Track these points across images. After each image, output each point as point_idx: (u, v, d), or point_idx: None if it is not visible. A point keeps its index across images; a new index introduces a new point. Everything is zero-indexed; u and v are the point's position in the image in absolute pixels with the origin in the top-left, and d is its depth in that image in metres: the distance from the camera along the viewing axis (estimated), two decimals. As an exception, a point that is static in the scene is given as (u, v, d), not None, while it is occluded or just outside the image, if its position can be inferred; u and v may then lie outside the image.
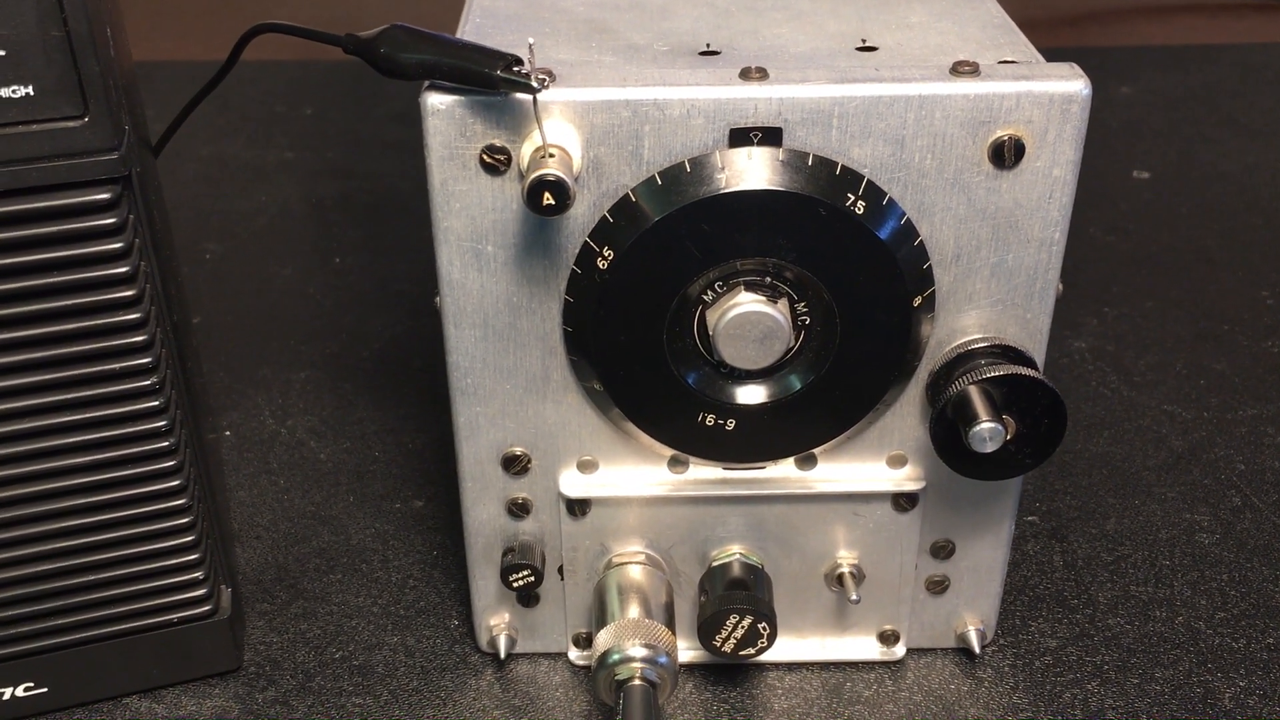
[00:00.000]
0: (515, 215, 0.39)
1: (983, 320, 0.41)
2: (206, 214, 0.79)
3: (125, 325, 0.39)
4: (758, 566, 0.45)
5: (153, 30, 1.06)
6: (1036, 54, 0.40)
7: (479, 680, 0.47)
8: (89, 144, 0.36)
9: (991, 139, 0.37)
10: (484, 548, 0.46)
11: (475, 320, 0.41)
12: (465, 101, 0.37)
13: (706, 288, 0.39)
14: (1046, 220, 0.39)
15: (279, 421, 0.61)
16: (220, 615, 0.46)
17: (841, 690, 0.47)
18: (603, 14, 0.44)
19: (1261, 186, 0.82)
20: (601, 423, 0.43)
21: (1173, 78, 0.98)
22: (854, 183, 0.38)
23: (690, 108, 0.37)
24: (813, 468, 0.44)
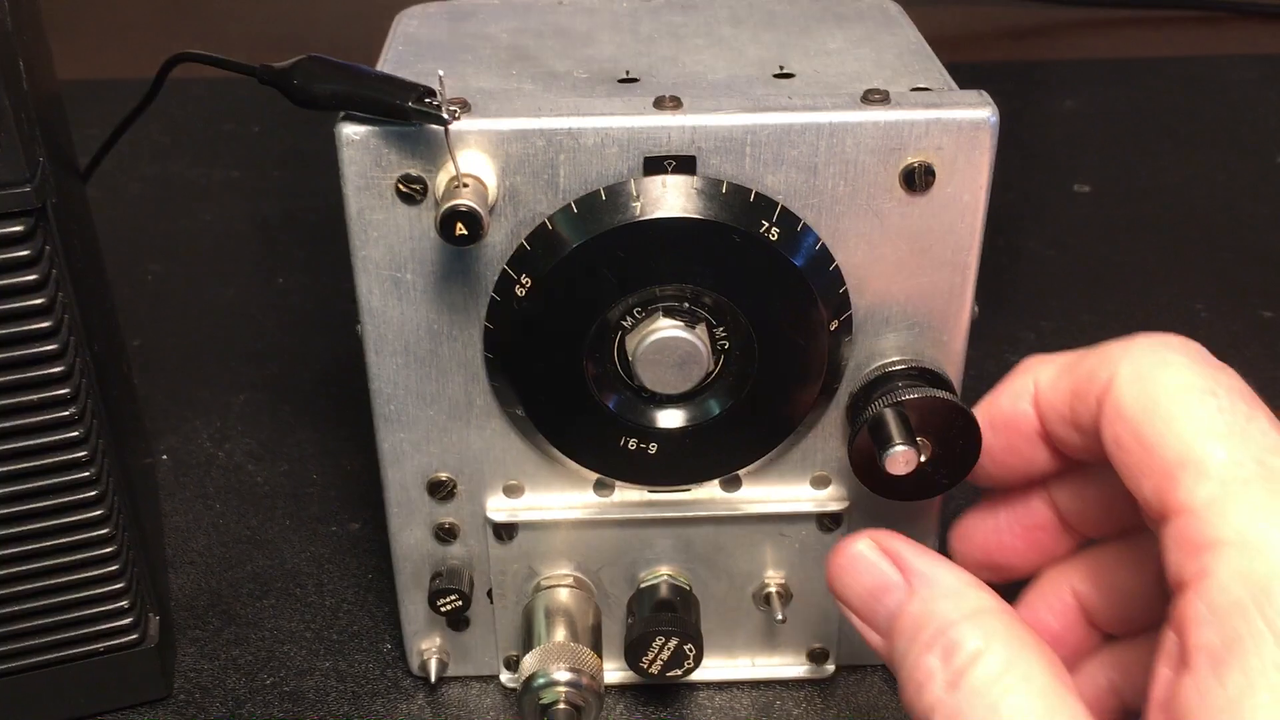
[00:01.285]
0: (433, 244, 0.39)
1: (900, 343, 0.41)
2: (149, 234, 0.79)
3: (42, 356, 0.39)
4: (685, 588, 0.45)
5: (99, 48, 1.06)
6: (950, 81, 0.41)
7: (410, 704, 0.47)
8: (0, 178, 0.36)
9: (902, 165, 0.38)
10: (412, 572, 0.46)
11: (396, 348, 0.41)
12: (380, 132, 0.37)
13: (625, 314, 0.40)
14: (959, 244, 0.39)
15: (216, 445, 0.61)
16: (148, 643, 0.46)
17: (771, 709, 0.47)
18: (526, 40, 0.44)
19: (1199, 199, 0.83)
20: (526, 447, 0.43)
21: (1116, 91, 0.99)
22: (768, 209, 0.38)
23: (604, 137, 0.37)
24: (738, 489, 0.44)
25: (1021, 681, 0.31)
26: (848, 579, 0.36)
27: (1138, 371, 0.34)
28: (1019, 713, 0.31)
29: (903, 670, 0.34)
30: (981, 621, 0.33)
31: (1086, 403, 0.35)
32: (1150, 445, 0.32)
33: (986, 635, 0.32)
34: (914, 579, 0.35)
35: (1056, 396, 0.36)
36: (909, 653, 0.34)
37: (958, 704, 0.32)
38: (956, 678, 0.32)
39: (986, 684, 0.31)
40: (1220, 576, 0.29)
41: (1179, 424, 0.32)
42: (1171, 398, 0.32)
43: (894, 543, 0.36)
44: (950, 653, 0.32)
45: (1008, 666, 0.32)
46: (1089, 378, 0.35)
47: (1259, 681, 0.28)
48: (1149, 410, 0.33)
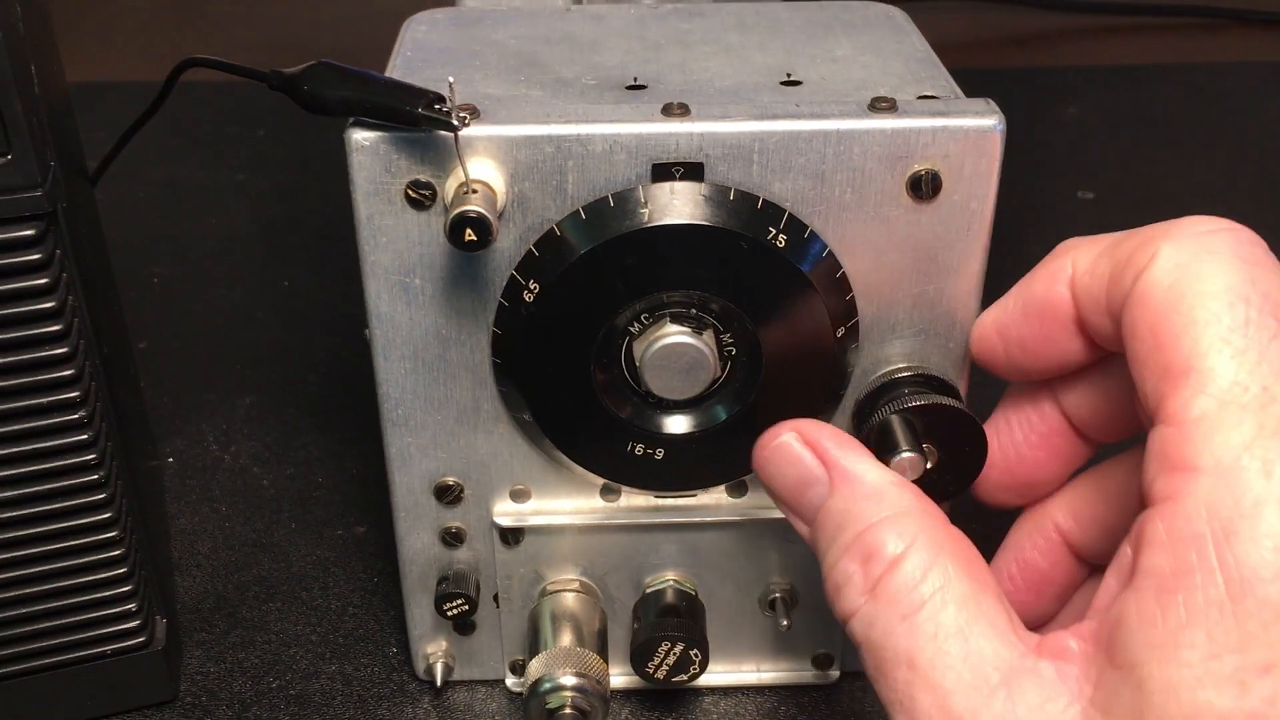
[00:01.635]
0: (442, 249, 0.39)
1: (906, 350, 0.41)
2: (156, 237, 0.79)
3: (52, 360, 0.39)
4: (691, 593, 0.46)
5: (107, 50, 1.06)
6: (956, 89, 0.41)
7: (415, 708, 0.47)
8: (12, 181, 0.36)
9: (909, 173, 0.38)
10: (419, 576, 0.46)
11: (405, 352, 0.41)
12: (389, 137, 0.37)
13: (633, 319, 0.40)
14: (966, 251, 0.40)
15: (222, 448, 0.61)
16: (155, 646, 0.46)
17: (776, 714, 0.47)
18: (534, 47, 0.44)
19: (1204, 207, 0.82)
20: (533, 452, 0.43)
21: (1119, 97, 0.99)
22: (775, 216, 0.38)
23: (613, 143, 0.38)
24: (744, 495, 0.44)
25: (940, 589, 0.31)
26: (772, 469, 0.36)
27: (1177, 259, 0.31)
28: (935, 621, 0.30)
29: (824, 566, 0.34)
30: (903, 524, 0.32)
31: (1122, 286, 0.32)
32: (1162, 342, 0.30)
33: (907, 539, 0.32)
34: (835, 474, 0.34)
35: (1094, 281, 0.34)
36: (829, 551, 0.33)
37: (875, 611, 0.31)
38: (874, 584, 0.31)
39: (904, 590, 0.31)
40: (1186, 504, 0.28)
41: (1198, 327, 0.29)
42: (1199, 295, 0.30)
43: (818, 434, 0.35)
44: (869, 557, 0.32)
45: (926, 572, 0.31)
46: (1127, 260, 0.32)
47: (1198, 619, 0.27)
48: (1172, 305, 0.30)
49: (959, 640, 0.30)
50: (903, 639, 0.30)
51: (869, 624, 0.31)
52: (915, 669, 0.30)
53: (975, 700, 0.29)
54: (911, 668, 0.30)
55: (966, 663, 0.30)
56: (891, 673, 0.31)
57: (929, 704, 0.30)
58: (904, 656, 0.30)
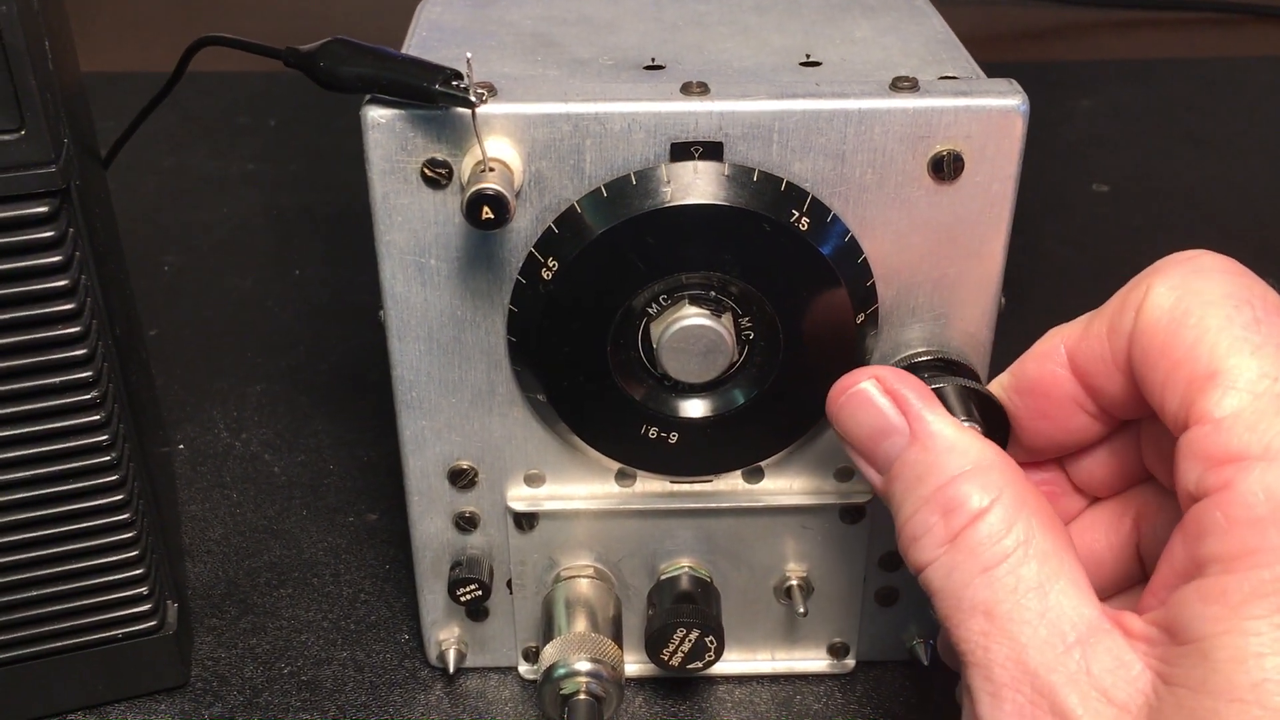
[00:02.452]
0: (458, 229, 0.39)
1: (926, 334, 0.41)
2: (166, 225, 0.79)
3: (65, 339, 0.39)
4: (706, 579, 0.45)
5: (116, 41, 1.06)
6: (978, 69, 0.40)
7: (428, 695, 0.47)
8: (25, 157, 0.36)
9: (931, 154, 0.38)
10: (432, 562, 0.45)
11: (419, 334, 0.41)
12: (406, 115, 0.37)
13: (651, 300, 0.39)
14: (987, 234, 0.39)
15: (234, 435, 0.61)
16: (166, 631, 0.46)
17: (791, 703, 0.47)
18: (550, 28, 0.44)
19: (1218, 200, 0.83)
20: (548, 436, 0.43)
21: (1133, 91, 0.99)
22: (798, 199, 0.38)
23: (631, 122, 0.37)
24: (760, 481, 0.44)
25: (1023, 544, 0.31)
26: (847, 415, 0.36)
27: (1171, 284, 0.32)
28: (1016, 575, 0.30)
29: (899, 516, 0.34)
30: (987, 477, 0.32)
31: (1123, 327, 0.34)
32: (1179, 358, 0.31)
33: (992, 493, 0.32)
34: (916, 425, 0.34)
35: (1092, 341, 0.35)
36: (907, 501, 0.33)
37: (954, 561, 0.31)
38: (955, 535, 0.31)
39: (986, 543, 0.31)
40: (1241, 489, 0.29)
41: (1211, 335, 0.31)
42: (1205, 307, 0.31)
43: (899, 384, 0.35)
44: (951, 509, 0.32)
45: (1010, 527, 0.31)
46: (1121, 307, 0.34)
47: (1264, 592, 0.28)
48: (1180, 320, 0.31)
49: (1038, 596, 0.30)
50: (981, 590, 0.31)
51: (947, 573, 0.32)
52: (993, 620, 0.30)
53: (1050, 656, 0.30)
54: (989, 618, 0.30)
55: (1044, 619, 0.30)
56: (967, 621, 0.31)
57: (1004, 656, 0.30)
58: (981, 607, 0.31)
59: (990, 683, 0.30)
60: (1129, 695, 0.29)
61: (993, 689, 0.30)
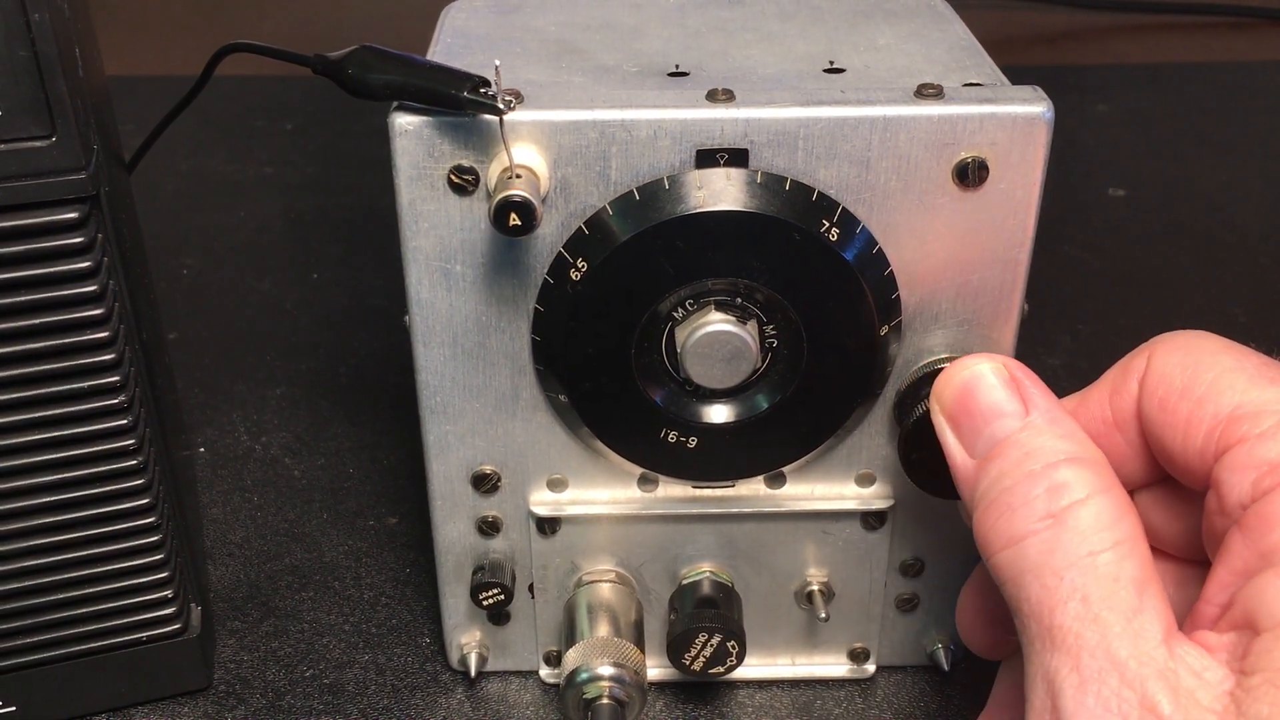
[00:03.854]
0: (484, 235, 0.39)
1: (949, 340, 0.41)
2: (185, 229, 0.79)
3: (93, 344, 0.39)
4: (728, 584, 0.45)
5: (136, 44, 1.06)
6: (1002, 76, 0.40)
7: (449, 699, 0.47)
8: (56, 163, 0.36)
9: (955, 160, 0.38)
10: (454, 566, 0.46)
11: (444, 339, 0.41)
12: (433, 122, 0.37)
13: (677, 305, 0.40)
14: (1011, 240, 0.39)
15: (254, 438, 0.61)
16: (190, 634, 0.46)
17: (811, 708, 0.47)
18: (574, 35, 0.44)
19: (1235, 204, 0.83)
20: (571, 441, 0.43)
21: (1149, 96, 0.98)
22: (829, 209, 0.38)
23: (657, 129, 0.37)
24: (781, 486, 0.44)
25: (1129, 539, 0.31)
26: (961, 395, 0.36)
27: (1173, 345, 0.35)
28: (1116, 568, 0.31)
29: (993, 492, 0.34)
30: (1096, 472, 0.33)
31: (1127, 391, 0.35)
32: (1200, 396, 0.33)
33: (1097, 487, 0.32)
34: (1033, 410, 0.35)
35: (1092, 408, 0.36)
36: (1006, 475, 0.33)
37: (1058, 539, 0.31)
38: (1061, 513, 0.32)
39: (1095, 529, 0.31)
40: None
41: (1228, 375, 0.33)
42: (1214, 355, 0.34)
43: (1021, 372, 0.36)
44: (1061, 487, 0.32)
45: (1114, 523, 0.32)
46: (1124, 372, 0.36)
47: None
48: (1193, 368, 0.33)
49: (1135, 591, 0.31)
50: (1084, 573, 0.31)
51: (1049, 549, 0.31)
52: (1089, 603, 0.30)
53: (1140, 649, 0.30)
54: (1085, 602, 0.30)
55: (1140, 615, 0.30)
56: (1064, 604, 0.31)
57: (1095, 642, 0.30)
58: (1080, 590, 0.31)
59: (1078, 672, 0.30)
60: (1214, 698, 0.29)
61: (1079, 678, 0.30)
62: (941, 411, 0.37)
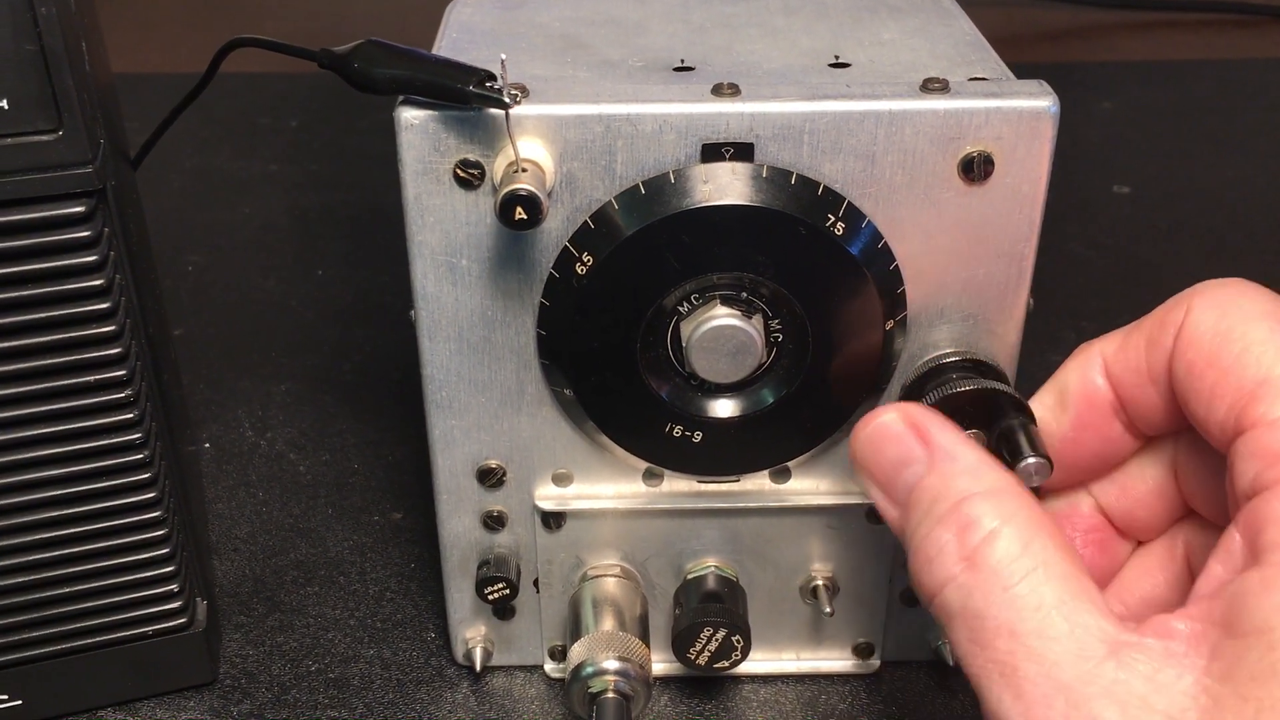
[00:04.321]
0: (489, 229, 0.39)
1: (954, 334, 0.41)
2: (190, 226, 0.79)
3: (100, 338, 0.39)
4: (733, 579, 0.45)
5: (139, 42, 1.06)
6: (1007, 71, 0.40)
7: (454, 693, 0.47)
8: (63, 157, 0.36)
9: (961, 155, 0.38)
10: (459, 560, 0.46)
11: (450, 334, 0.41)
12: (439, 116, 0.37)
13: (682, 299, 0.40)
14: (1016, 235, 0.39)
15: (259, 434, 0.61)
16: (195, 628, 0.46)
17: (816, 703, 0.47)
18: (578, 30, 0.44)
19: (1240, 202, 0.83)
20: (576, 435, 0.43)
21: (1153, 93, 0.98)
22: (835, 204, 0.38)
23: (663, 123, 0.37)
24: (786, 481, 0.44)
25: (1042, 564, 0.31)
26: (871, 450, 0.36)
27: (1211, 301, 0.34)
28: (1036, 596, 0.30)
29: (913, 542, 0.33)
30: (999, 500, 0.32)
31: (1163, 345, 0.35)
32: (1227, 367, 0.32)
33: (1003, 515, 0.32)
34: (935, 453, 0.34)
35: (1130, 355, 0.36)
36: (922, 524, 0.33)
37: (974, 582, 0.31)
38: (973, 555, 0.31)
39: (1005, 562, 0.31)
40: None
41: (1258, 346, 0.32)
42: (1248, 321, 0.33)
43: (920, 416, 0.35)
44: (966, 529, 0.32)
45: (1026, 547, 0.31)
46: (1160, 325, 0.35)
47: None
48: (1225, 335, 0.33)
49: (1062, 613, 0.30)
50: (1004, 609, 0.30)
51: (967, 593, 0.31)
52: (1018, 638, 0.30)
53: (1083, 669, 0.29)
54: (1013, 637, 0.30)
55: (1072, 635, 0.30)
56: (992, 642, 0.30)
57: (1035, 673, 0.29)
58: (1005, 626, 0.30)
59: (1021, 701, 0.29)
60: (1170, 701, 0.28)
61: (1024, 708, 0.29)
62: (859, 469, 0.36)
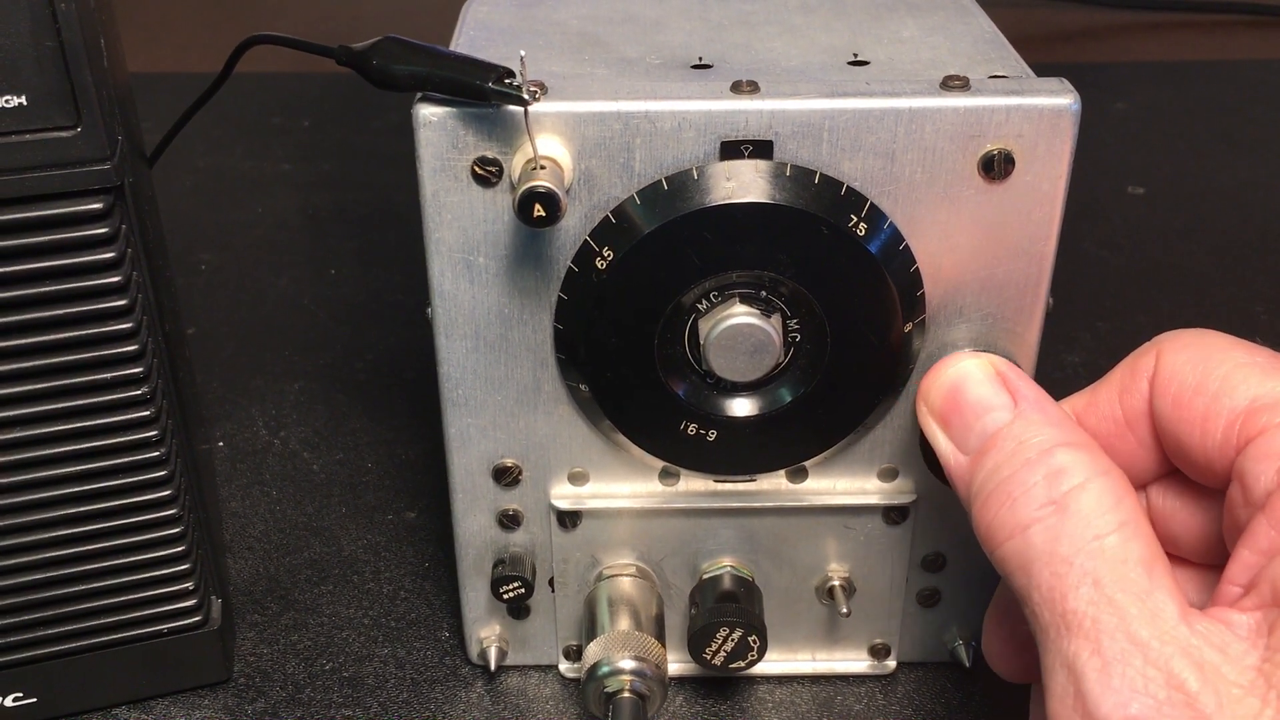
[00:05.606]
0: (507, 227, 0.39)
1: (973, 334, 0.41)
2: (202, 225, 0.79)
3: (117, 335, 0.39)
4: (748, 579, 0.45)
5: (152, 42, 1.07)
6: (1027, 69, 0.40)
7: (469, 692, 0.47)
8: (81, 154, 0.36)
9: (981, 153, 0.38)
10: (475, 559, 0.45)
11: (466, 331, 0.41)
12: (457, 113, 0.37)
13: (701, 297, 0.39)
14: (1036, 234, 0.39)
15: (272, 433, 0.61)
16: (210, 626, 0.46)
17: (832, 704, 0.47)
18: (596, 27, 0.44)
19: (1255, 202, 0.82)
20: (592, 434, 0.43)
21: (1167, 93, 0.98)
22: (858, 204, 0.38)
23: (681, 120, 0.37)
24: (803, 480, 0.44)
25: (1128, 522, 0.31)
26: (947, 393, 0.36)
27: (1180, 343, 0.35)
28: (1124, 550, 0.31)
29: (991, 484, 0.33)
30: (1090, 454, 0.33)
31: (1137, 391, 0.36)
32: (1215, 391, 0.33)
33: (1094, 469, 0.32)
34: (1021, 402, 0.35)
35: (1102, 407, 0.36)
36: (1003, 467, 0.33)
37: (1063, 525, 0.31)
38: (1064, 500, 0.32)
39: (1099, 512, 0.31)
40: None
41: (1240, 371, 0.33)
42: (1222, 352, 0.34)
43: (1005, 366, 0.36)
44: (1059, 473, 0.32)
45: (1116, 504, 0.31)
46: (1133, 370, 0.36)
47: None
48: (1204, 365, 0.34)
49: (1145, 571, 0.30)
50: (1092, 558, 0.31)
51: (1054, 536, 0.31)
52: (1101, 588, 0.30)
53: (1160, 628, 0.29)
54: (1098, 586, 0.30)
55: (1152, 595, 0.30)
56: (1075, 590, 0.30)
57: (1113, 625, 0.30)
58: (1091, 575, 0.30)
59: (1099, 655, 0.30)
60: (1239, 672, 0.29)
61: (1102, 662, 0.29)
62: (930, 412, 0.37)
